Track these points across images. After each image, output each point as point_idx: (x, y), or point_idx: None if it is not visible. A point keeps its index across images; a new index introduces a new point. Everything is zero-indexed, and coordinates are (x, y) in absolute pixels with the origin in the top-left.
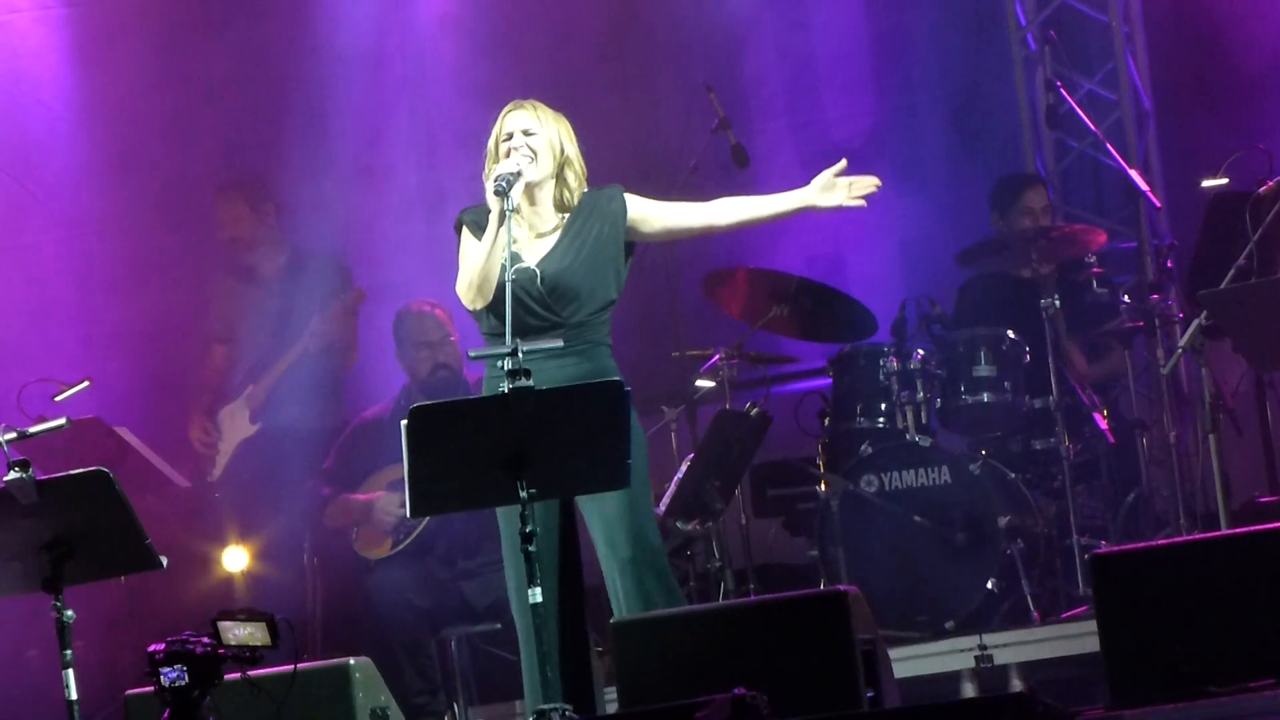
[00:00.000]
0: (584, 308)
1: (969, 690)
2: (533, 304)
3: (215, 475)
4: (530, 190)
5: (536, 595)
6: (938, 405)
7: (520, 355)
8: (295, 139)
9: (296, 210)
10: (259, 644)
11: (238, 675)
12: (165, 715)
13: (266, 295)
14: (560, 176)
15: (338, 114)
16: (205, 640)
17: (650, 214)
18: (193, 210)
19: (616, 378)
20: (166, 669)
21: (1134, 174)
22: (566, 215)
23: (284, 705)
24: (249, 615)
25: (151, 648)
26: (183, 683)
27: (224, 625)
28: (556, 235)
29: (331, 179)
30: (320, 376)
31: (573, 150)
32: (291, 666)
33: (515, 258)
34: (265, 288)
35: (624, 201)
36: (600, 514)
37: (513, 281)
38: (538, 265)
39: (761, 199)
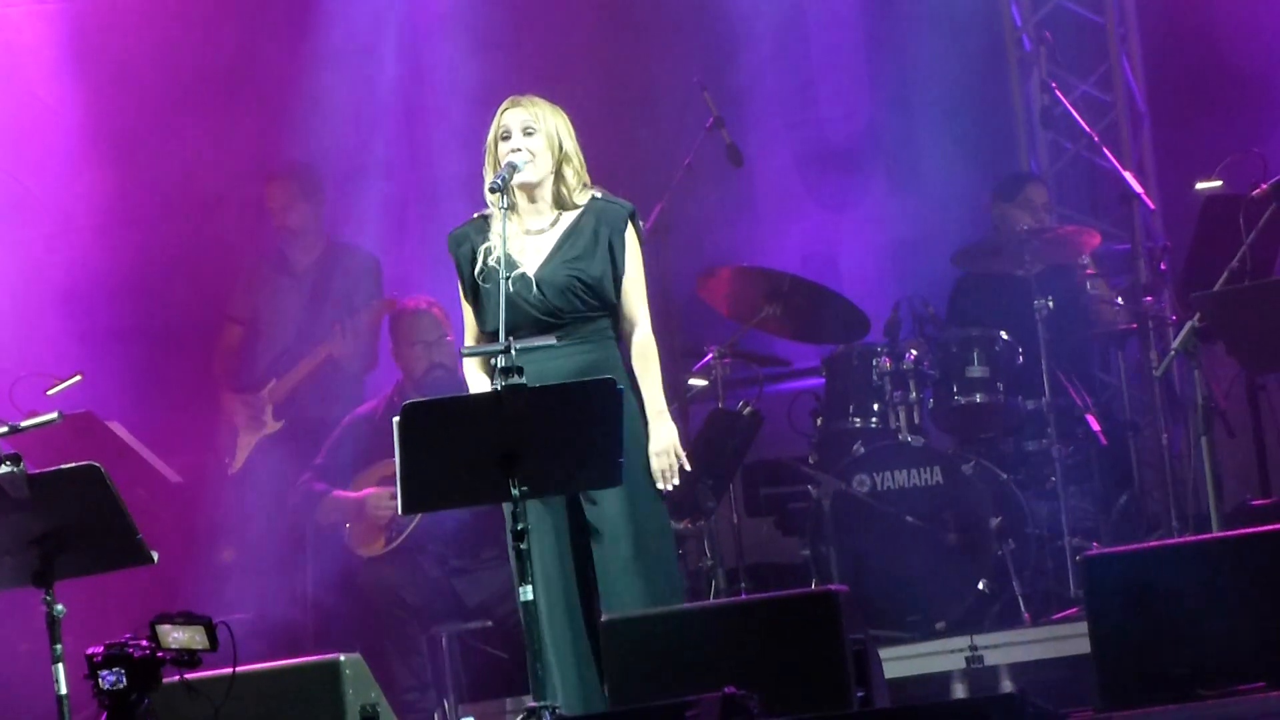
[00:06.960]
0: (586, 303)
1: (959, 691)
2: (530, 308)
3: (235, 468)
4: (529, 188)
5: (528, 593)
6: (930, 405)
7: (513, 353)
8: (291, 137)
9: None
10: (198, 647)
11: (176, 678)
12: (103, 718)
13: (297, 286)
14: (559, 173)
15: (333, 112)
16: (144, 643)
17: (631, 261)
18: (188, 206)
19: (621, 369)
20: (105, 672)
21: (1128, 176)
22: (564, 212)
23: (221, 708)
24: (187, 618)
25: (89, 650)
26: (121, 686)
27: (162, 628)
28: (556, 233)
29: (327, 176)
30: (346, 378)
31: (571, 145)
32: (230, 670)
33: (510, 260)
34: (298, 278)
35: (629, 224)
36: (601, 512)
37: (508, 286)
38: (536, 265)
39: (651, 385)
